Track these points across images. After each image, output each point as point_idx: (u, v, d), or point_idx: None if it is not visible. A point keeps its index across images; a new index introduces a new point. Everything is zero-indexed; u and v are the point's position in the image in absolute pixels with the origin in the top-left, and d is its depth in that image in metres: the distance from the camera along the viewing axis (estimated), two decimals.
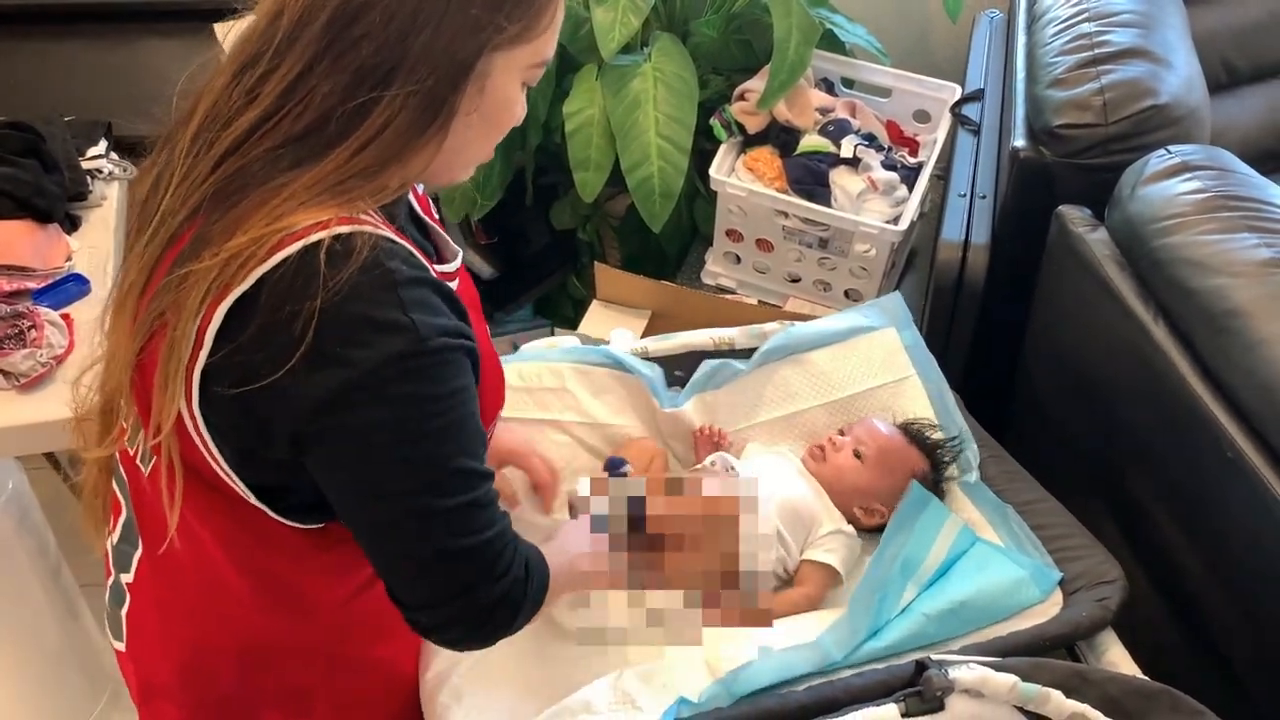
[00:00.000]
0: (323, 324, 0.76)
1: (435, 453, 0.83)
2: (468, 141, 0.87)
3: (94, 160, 1.57)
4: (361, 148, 0.80)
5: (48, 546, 1.65)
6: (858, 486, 1.33)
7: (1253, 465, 1.15)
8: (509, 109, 0.88)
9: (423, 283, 0.82)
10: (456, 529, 0.85)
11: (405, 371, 0.79)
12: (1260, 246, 1.24)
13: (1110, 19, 1.68)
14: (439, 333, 0.81)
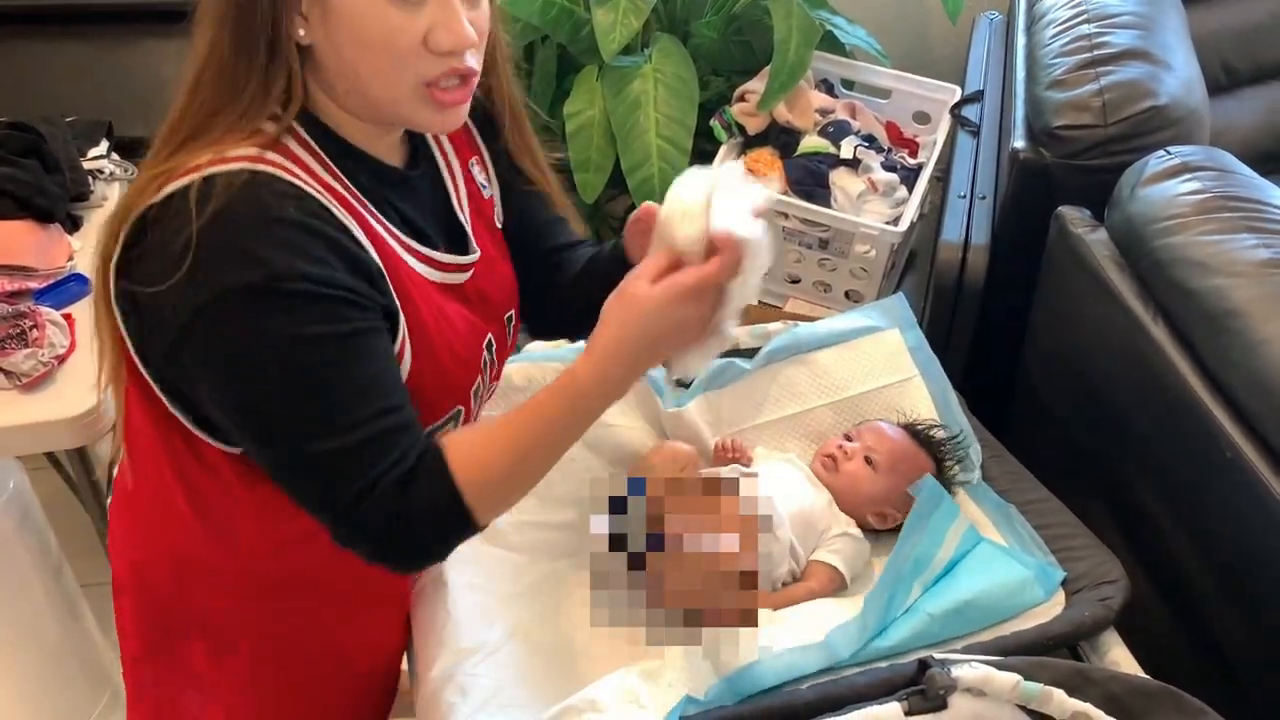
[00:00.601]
0: (198, 246, 0.80)
1: (276, 391, 0.84)
2: (349, 69, 0.86)
3: (95, 161, 1.57)
4: (199, 75, 0.85)
5: (49, 546, 1.65)
6: (872, 495, 1.34)
7: (1252, 465, 1.15)
8: (371, 22, 0.84)
9: (302, 226, 0.83)
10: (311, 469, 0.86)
11: (250, 304, 0.81)
12: (1259, 247, 1.25)
13: (1109, 21, 1.69)
14: (298, 275, 0.81)
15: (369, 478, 0.85)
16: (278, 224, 0.82)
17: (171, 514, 1.00)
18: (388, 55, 0.85)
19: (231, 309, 0.81)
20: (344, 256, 0.85)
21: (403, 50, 0.85)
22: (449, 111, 0.90)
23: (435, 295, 0.97)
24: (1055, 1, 1.80)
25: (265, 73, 0.84)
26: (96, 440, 1.34)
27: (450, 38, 0.86)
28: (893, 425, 1.40)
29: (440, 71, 0.87)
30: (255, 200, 0.82)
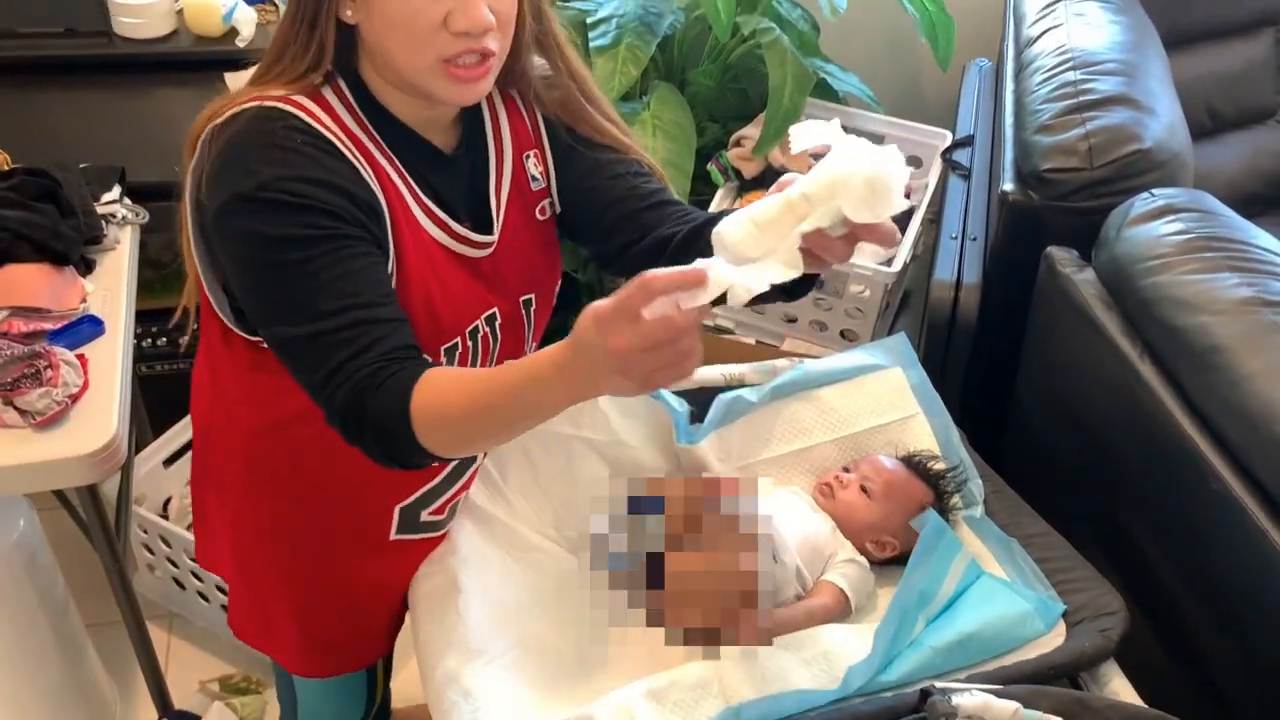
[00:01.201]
0: (218, 160, 0.98)
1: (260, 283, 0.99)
2: (382, 45, 1.00)
3: (108, 205, 1.60)
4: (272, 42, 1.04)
5: (57, 585, 1.66)
6: (868, 522, 1.36)
7: (1238, 496, 1.19)
8: (402, 8, 0.96)
9: (299, 151, 0.97)
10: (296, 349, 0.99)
11: (243, 207, 0.96)
12: (1241, 285, 1.29)
13: (1095, 67, 1.74)
14: (281, 186, 0.95)
15: (335, 361, 0.96)
16: (277, 148, 0.97)
17: (202, 385, 1.23)
18: (411, 34, 0.97)
19: (232, 212, 0.97)
20: (335, 181, 0.98)
21: (424, 29, 0.97)
22: (465, 86, 1.01)
23: (437, 255, 1.08)
24: (1042, 49, 1.85)
25: (305, 40, 1.00)
26: (108, 476, 1.36)
27: (465, 21, 0.97)
28: (890, 458, 1.43)
29: (457, 50, 0.98)
30: (265, 128, 0.98)
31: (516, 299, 1.17)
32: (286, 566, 1.26)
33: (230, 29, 1.89)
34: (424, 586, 1.29)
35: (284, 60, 1.02)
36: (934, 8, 2.12)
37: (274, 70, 1.03)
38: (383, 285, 1.00)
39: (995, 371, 1.72)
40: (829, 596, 1.30)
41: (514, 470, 1.39)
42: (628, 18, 1.93)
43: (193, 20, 1.88)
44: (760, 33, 1.94)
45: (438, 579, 1.28)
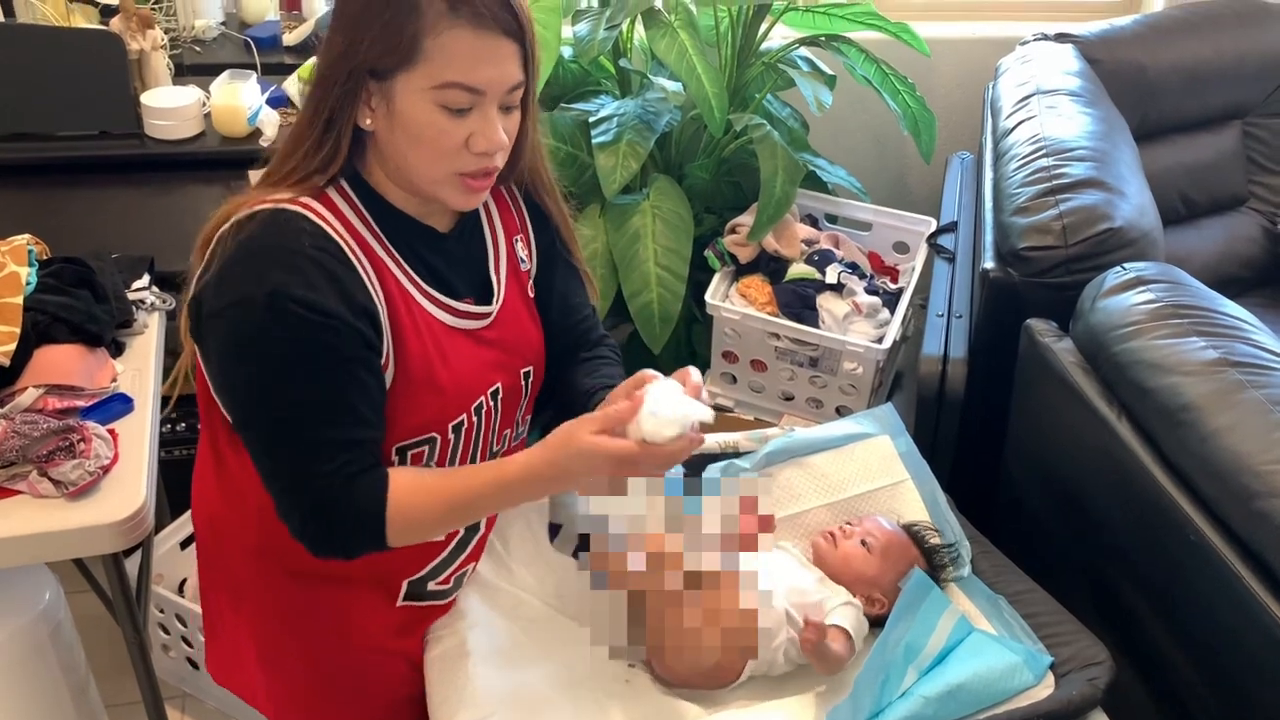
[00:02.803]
0: (227, 262, 1.04)
1: (253, 387, 1.06)
2: (401, 154, 1.07)
3: (138, 292, 1.68)
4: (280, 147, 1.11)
5: (78, 662, 1.70)
6: (863, 574, 1.41)
7: (1214, 546, 1.24)
8: (425, 126, 1.04)
9: (308, 257, 1.03)
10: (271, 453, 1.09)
11: (248, 313, 1.02)
12: (1208, 348, 1.36)
13: (1067, 154, 1.85)
14: (291, 297, 1.01)
15: (309, 472, 1.05)
16: (288, 252, 1.03)
17: (205, 475, 1.27)
18: (435, 151, 1.06)
19: (235, 314, 1.03)
20: (342, 289, 1.04)
21: (448, 149, 1.06)
22: (474, 195, 1.11)
23: (443, 335, 1.15)
24: (1017, 138, 1.97)
25: (319, 141, 1.07)
26: (136, 543, 1.42)
27: (486, 143, 1.06)
28: (890, 521, 1.48)
29: (474, 167, 1.08)
30: (275, 231, 1.04)
31: (518, 371, 1.25)
32: (309, 654, 1.29)
33: (255, 130, 2.01)
34: (435, 650, 1.33)
35: (294, 159, 1.08)
36: (915, 104, 2.25)
37: (284, 168, 1.09)
38: (364, 404, 1.08)
39: (983, 439, 1.78)
40: (835, 639, 1.34)
41: (516, 542, 1.44)
42: (628, 116, 2.05)
43: (219, 122, 2.00)
44: (752, 128, 2.05)
45: (448, 642, 1.32)
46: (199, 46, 2.25)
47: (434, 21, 1.01)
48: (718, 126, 2.02)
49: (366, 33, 1.02)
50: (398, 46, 1.01)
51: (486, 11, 1.02)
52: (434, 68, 1.02)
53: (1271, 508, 1.19)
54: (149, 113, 1.97)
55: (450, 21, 1.01)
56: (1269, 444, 1.22)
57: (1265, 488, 1.20)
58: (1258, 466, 1.21)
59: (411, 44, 1.01)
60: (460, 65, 1.02)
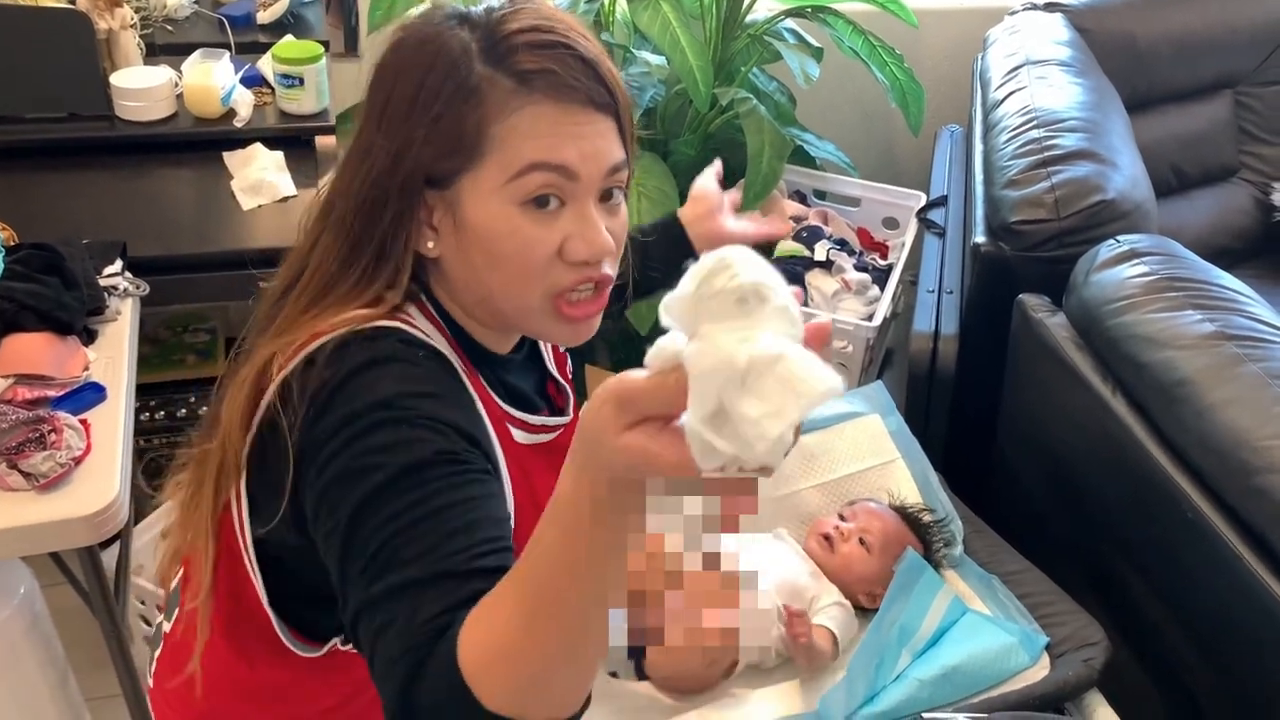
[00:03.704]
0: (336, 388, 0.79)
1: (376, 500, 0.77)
2: (479, 281, 0.85)
3: (110, 278, 1.64)
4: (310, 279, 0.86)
5: (56, 655, 1.67)
6: (864, 576, 1.39)
7: (1211, 523, 1.22)
8: (504, 235, 0.82)
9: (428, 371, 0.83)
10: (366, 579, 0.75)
11: (374, 423, 0.78)
12: (1203, 321, 1.34)
13: (1058, 125, 1.82)
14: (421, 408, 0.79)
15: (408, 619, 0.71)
16: (407, 364, 0.81)
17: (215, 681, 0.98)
18: (522, 268, 0.82)
19: (356, 427, 0.77)
20: (462, 406, 0.83)
21: (537, 262, 0.82)
22: (580, 325, 0.86)
23: (528, 458, 0.94)
24: (1007, 110, 1.93)
25: (370, 271, 0.84)
26: (108, 535, 1.38)
27: (587, 248, 0.82)
28: (884, 506, 1.46)
29: (572, 281, 0.83)
30: (380, 346, 0.81)
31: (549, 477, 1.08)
32: None
33: (229, 110, 1.96)
34: None
35: (343, 286, 0.85)
36: (904, 76, 2.21)
37: (333, 294, 0.85)
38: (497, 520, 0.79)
39: (976, 417, 1.76)
40: (821, 638, 1.32)
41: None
42: None
43: (192, 103, 1.95)
44: (738, 103, 2.01)
45: None
46: (170, 25, 2.20)
47: (502, 102, 0.80)
48: (703, 101, 1.98)
49: (416, 132, 0.81)
50: (459, 142, 0.80)
51: (568, 80, 0.80)
52: (507, 154, 0.80)
53: (1270, 484, 1.17)
54: (119, 94, 1.92)
55: (523, 98, 0.80)
56: (1267, 418, 1.20)
57: (1264, 463, 1.18)
58: (1256, 442, 1.19)
59: (476, 135, 0.80)
60: (541, 142, 0.80)
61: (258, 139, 1.95)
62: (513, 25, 0.82)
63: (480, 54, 0.81)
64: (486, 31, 0.82)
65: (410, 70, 0.83)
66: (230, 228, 1.82)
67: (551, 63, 0.81)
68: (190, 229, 1.82)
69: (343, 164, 0.88)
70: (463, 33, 0.83)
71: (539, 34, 0.82)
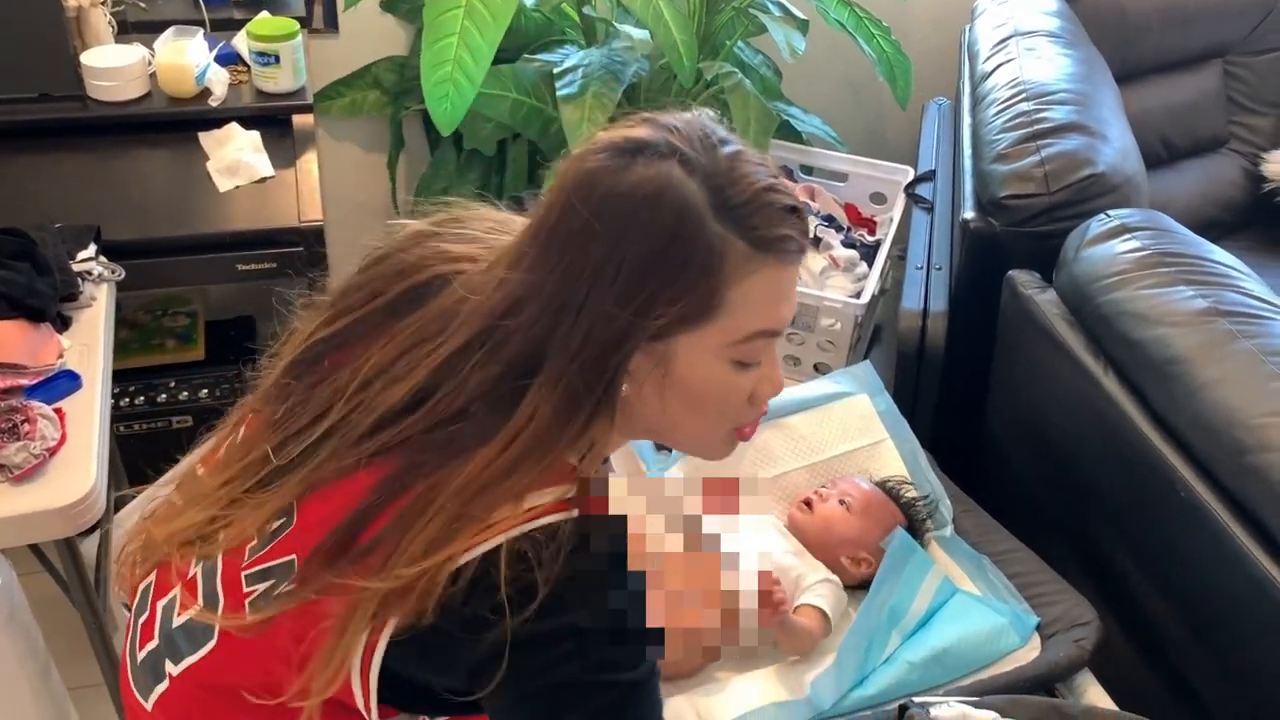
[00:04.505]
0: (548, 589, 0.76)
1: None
2: (671, 420, 0.85)
3: (84, 263, 1.61)
4: (512, 439, 0.80)
5: (37, 647, 1.65)
6: (846, 536, 1.38)
7: (1204, 503, 1.21)
8: (713, 389, 0.83)
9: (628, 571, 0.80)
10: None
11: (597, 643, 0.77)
12: (1196, 297, 1.32)
13: (1047, 98, 1.79)
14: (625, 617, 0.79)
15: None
16: (621, 562, 0.79)
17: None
18: (721, 413, 0.85)
19: (579, 644, 0.77)
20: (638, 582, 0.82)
21: (734, 408, 0.85)
22: (739, 444, 0.91)
23: None
24: (996, 82, 1.91)
25: (580, 434, 0.81)
26: (84, 527, 1.36)
27: (773, 389, 0.87)
28: (866, 480, 1.45)
29: (755, 416, 0.88)
30: (602, 548, 0.79)
31: None
32: None
33: (203, 90, 1.92)
34: None
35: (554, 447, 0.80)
36: (891, 49, 2.18)
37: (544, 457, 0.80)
38: None
39: (966, 396, 1.74)
40: (809, 618, 1.31)
41: None
42: (593, 66, 1.98)
43: (166, 82, 1.91)
44: (723, 77, 1.98)
45: None
46: (142, 2, 2.15)
47: (738, 266, 0.79)
48: (687, 75, 1.95)
49: (661, 296, 0.78)
50: (697, 306, 0.79)
51: (795, 244, 0.82)
52: (736, 320, 0.80)
53: (1264, 463, 1.15)
54: (90, 73, 1.88)
55: (758, 264, 0.80)
56: (1261, 396, 1.18)
57: (1257, 442, 1.16)
58: (1250, 420, 1.18)
59: (710, 299, 0.79)
60: (767, 311, 0.81)
61: (234, 119, 1.91)
62: (749, 185, 0.80)
63: (713, 211, 0.79)
64: (716, 183, 0.80)
65: (643, 232, 0.78)
66: (207, 210, 1.78)
67: (787, 229, 0.81)
68: (166, 211, 1.79)
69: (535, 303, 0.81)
70: (689, 185, 0.79)
71: (774, 194, 0.81)
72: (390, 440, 0.84)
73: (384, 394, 0.85)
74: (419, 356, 0.85)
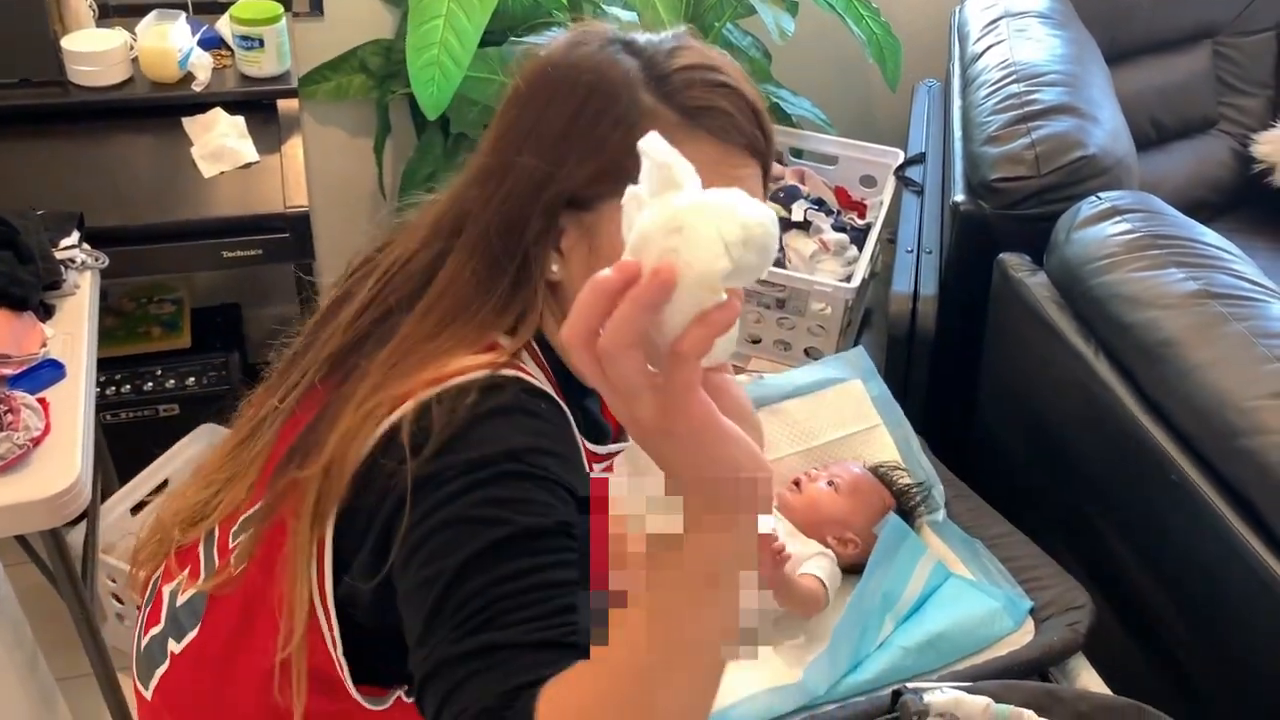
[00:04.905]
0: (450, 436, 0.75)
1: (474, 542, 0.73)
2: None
3: (67, 250, 1.59)
4: (434, 302, 0.82)
5: (24, 637, 1.64)
6: (833, 515, 1.38)
7: (1195, 485, 1.21)
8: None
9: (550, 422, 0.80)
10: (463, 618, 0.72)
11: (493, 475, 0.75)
12: (1187, 280, 1.32)
13: (1038, 79, 1.78)
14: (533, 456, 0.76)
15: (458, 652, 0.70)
16: (529, 416, 0.79)
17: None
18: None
19: (480, 475, 0.75)
20: (576, 464, 0.82)
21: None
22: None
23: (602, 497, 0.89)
24: (986, 64, 1.90)
25: (504, 299, 0.82)
26: (70, 518, 1.35)
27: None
28: (858, 464, 1.45)
29: None
30: (511, 397, 0.78)
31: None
32: None
33: (186, 74, 1.90)
34: None
35: (470, 323, 0.82)
36: (880, 30, 2.17)
37: (451, 333, 0.82)
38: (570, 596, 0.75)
39: (957, 379, 1.74)
40: (811, 588, 1.31)
41: None
42: None
43: (148, 66, 1.89)
44: None
45: None
46: None
47: (667, 134, 0.75)
48: None
49: (572, 151, 0.80)
50: (613, 167, 0.79)
51: (734, 123, 0.80)
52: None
53: (1255, 445, 1.15)
54: (71, 58, 1.85)
55: (687, 133, 0.79)
56: (1252, 379, 1.18)
57: (1249, 424, 1.16)
58: (1241, 403, 1.18)
59: (626, 160, 0.75)
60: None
61: (218, 103, 1.89)
62: (683, 60, 0.81)
63: (646, 84, 0.80)
64: (652, 62, 0.81)
65: (568, 92, 0.81)
66: (192, 196, 1.76)
67: (721, 101, 0.80)
68: (150, 198, 1.77)
69: (469, 180, 0.86)
70: (626, 59, 0.81)
71: (710, 72, 0.81)
72: (342, 344, 0.86)
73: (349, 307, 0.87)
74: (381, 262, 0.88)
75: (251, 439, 0.94)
